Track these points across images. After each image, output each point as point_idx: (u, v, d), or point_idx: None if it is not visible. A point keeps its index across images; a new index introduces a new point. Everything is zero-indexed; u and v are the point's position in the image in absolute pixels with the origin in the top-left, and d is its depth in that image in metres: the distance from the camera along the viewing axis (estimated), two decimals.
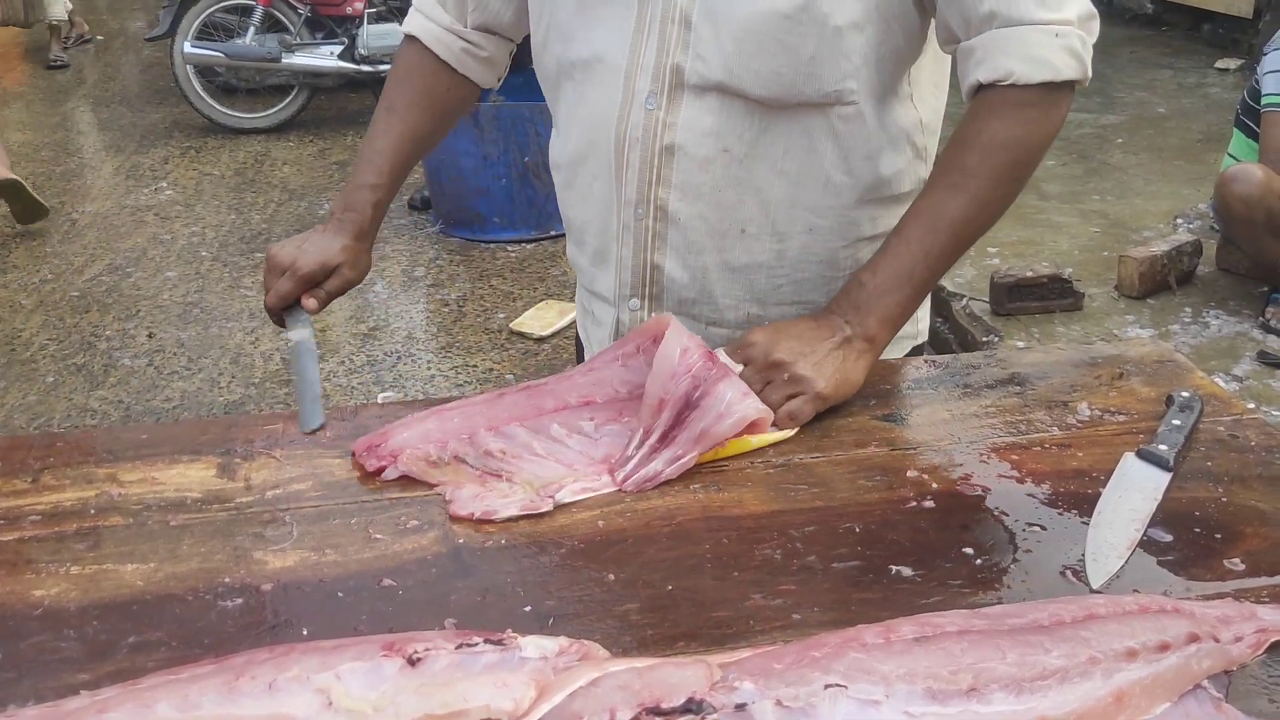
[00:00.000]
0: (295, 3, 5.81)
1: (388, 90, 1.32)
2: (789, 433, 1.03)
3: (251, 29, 5.76)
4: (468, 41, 1.30)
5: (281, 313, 1.23)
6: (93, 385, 3.47)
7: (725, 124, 1.11)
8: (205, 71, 5.92)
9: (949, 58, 1.16)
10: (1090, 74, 1.06)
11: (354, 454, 1.00)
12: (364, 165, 1.29)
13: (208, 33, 5.81)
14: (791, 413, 1.03)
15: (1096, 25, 1.06)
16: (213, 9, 5.77)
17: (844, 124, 1.11)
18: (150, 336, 3.79)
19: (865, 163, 1.15)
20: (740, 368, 1.05)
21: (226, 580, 0.84)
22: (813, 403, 1.03)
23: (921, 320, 1.32)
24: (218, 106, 5.92)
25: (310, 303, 1.22)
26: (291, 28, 5.82)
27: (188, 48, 5.66)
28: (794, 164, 1.13)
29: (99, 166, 5.54)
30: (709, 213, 1.15)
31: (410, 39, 1.32)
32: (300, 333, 1.19)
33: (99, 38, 8.18)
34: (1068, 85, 1.06)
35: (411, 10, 1.32)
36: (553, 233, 4.50)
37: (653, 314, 1.23)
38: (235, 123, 5.95)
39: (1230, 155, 3.60)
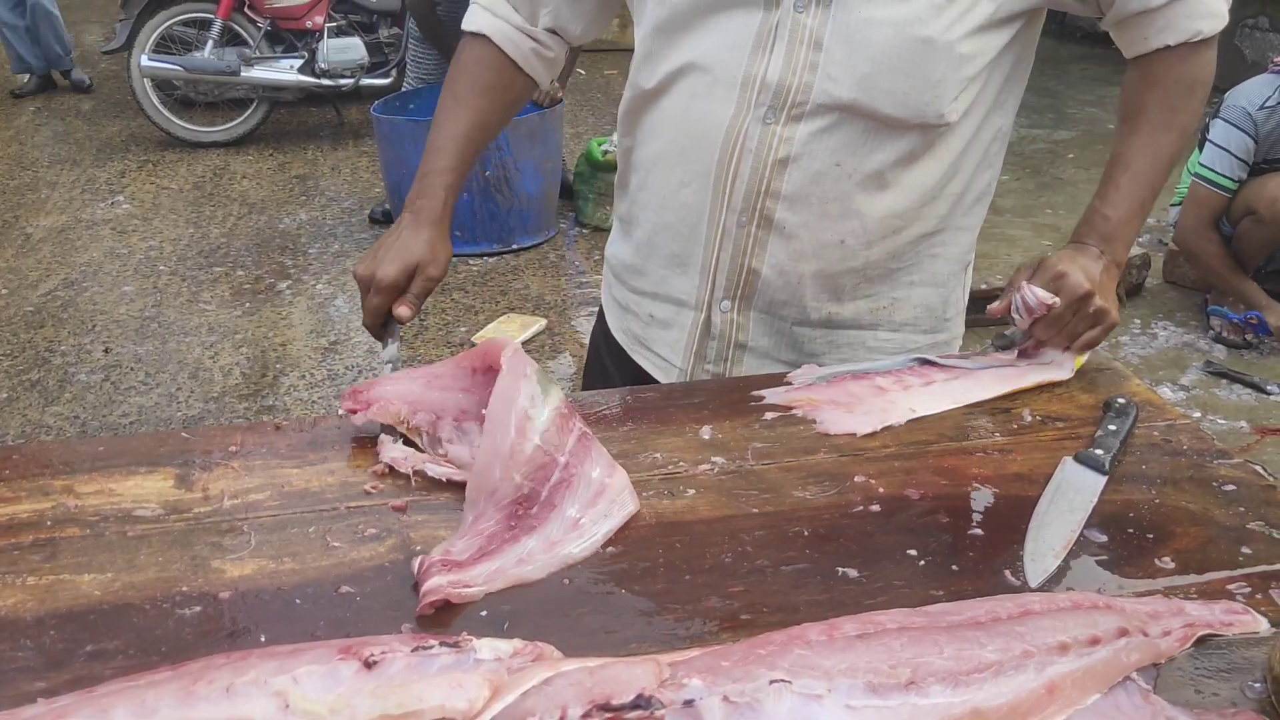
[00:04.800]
0: (254, 16, 5.79)
1: (451, 81, 1.33)
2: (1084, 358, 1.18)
3: (210, 42, 5.72)
4: (537, 41, 1.33)
5: (382, 328, 1.23)
6: (48, 401, 3.43)
7: (842, 140, 1.16)
8: (163, 85, 5.86)
9: (1029, 72, 1.25)
10: None
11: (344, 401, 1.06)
12: (433, 153, 1.30)
13: (165, 46, 5.76)
14: (1090, 342, 1.17)
15: None
16: (170, 22, 5.73)
17: (946, 139, 1.18)
18: (107, 351, 3.75)
19: (958, 173, 1.22)
20: (1054, 299, 1.14)
21: (184, 589, 0.85)
22: (1107, 332, 1.17)
23: (961, 324, 1.37)
24: (176, 120, 5.86)
25: (402, 310, 1.22)
26: (251, 41, 5.79)
27: (145, 61, 5.61)
28: (896, 176, 1.19)
29: (54, 180, 5.47)
30: (814, 223, 1.20)
31: (475, 36, 1.33)
32: (389, 351, 1.20)
33: None
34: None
35: (475, 9, 1.34)
36: (514, 246, 4.51)
37: (742, 314, 1.26)
38: (193, 136, 5.90)
39: (1189, 170, 3.71)
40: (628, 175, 1.33)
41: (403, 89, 4.95)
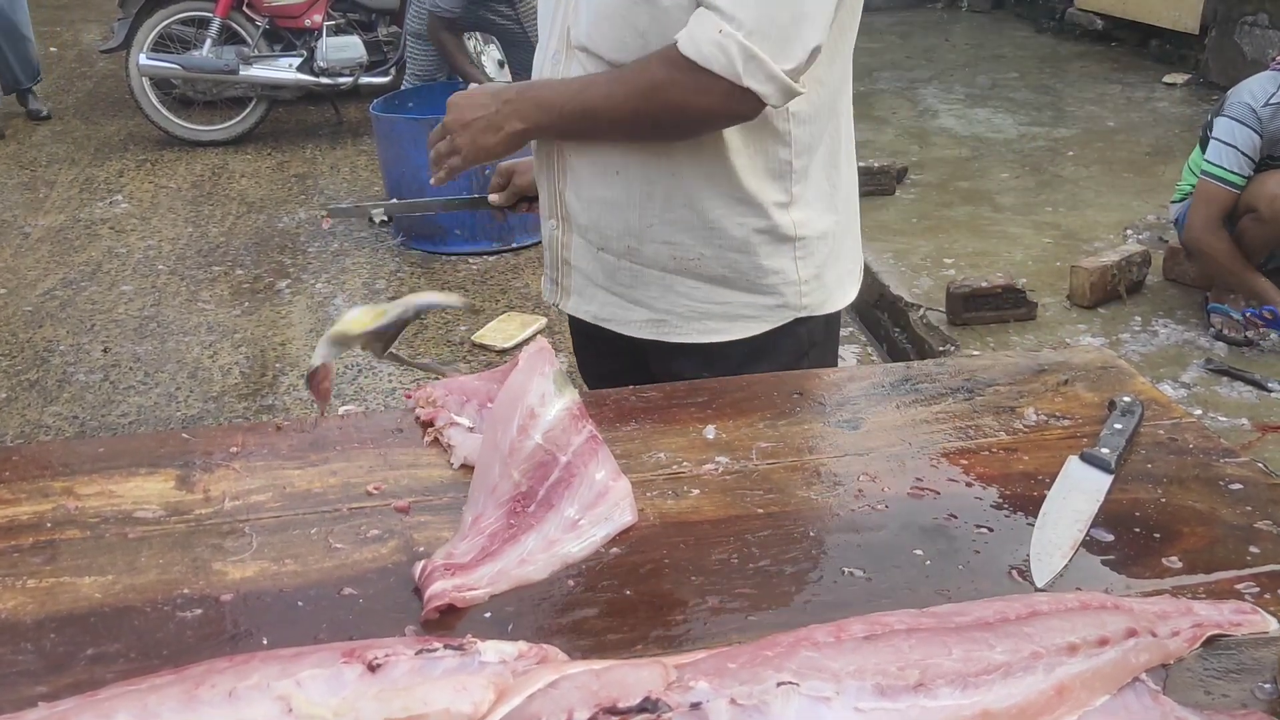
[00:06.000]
0: (253, 15, 5.78)
1: None
2: None
3: (208, 41, 5.71)
4: None
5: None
6: (46, 401, 3.42)
7: None
8: (161, 84, 5.85)
9: (847, 39, 1.33)
10: (748, 85, 1.17)
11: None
12: None
13: (164, 45, 5.75)
14: (452, 168, 1.36)
15: (789, 49, 1.17)
16: (169, 21, 5.71)
17: None
18: (105, 351, 3.74)
19: (734, 141, 1.29)
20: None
21: (185, 591, 0.84)
22: (466, 162, 1.35)
23: (808, 295, 1.39)
24: (174, 119, 5.86)
25: (493, 198, 1.62)
26: (249, 40, 5.78)
27: (143, 60, 5.60)
28: None
29: (52, 179, 5.46)
30: (589, 150, 1.35)
31: None
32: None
33: None
34: (720, 79, 1.18)
35: None
36: (514, 245, 4.51)
37: (567, 234, 1.43)
38: (192, 135, 5.89)
39: (1189, 167, 3.70)
40: None
41: (401, 87, 4.94)
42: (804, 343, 1.42)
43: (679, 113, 1.24)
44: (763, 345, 1.38)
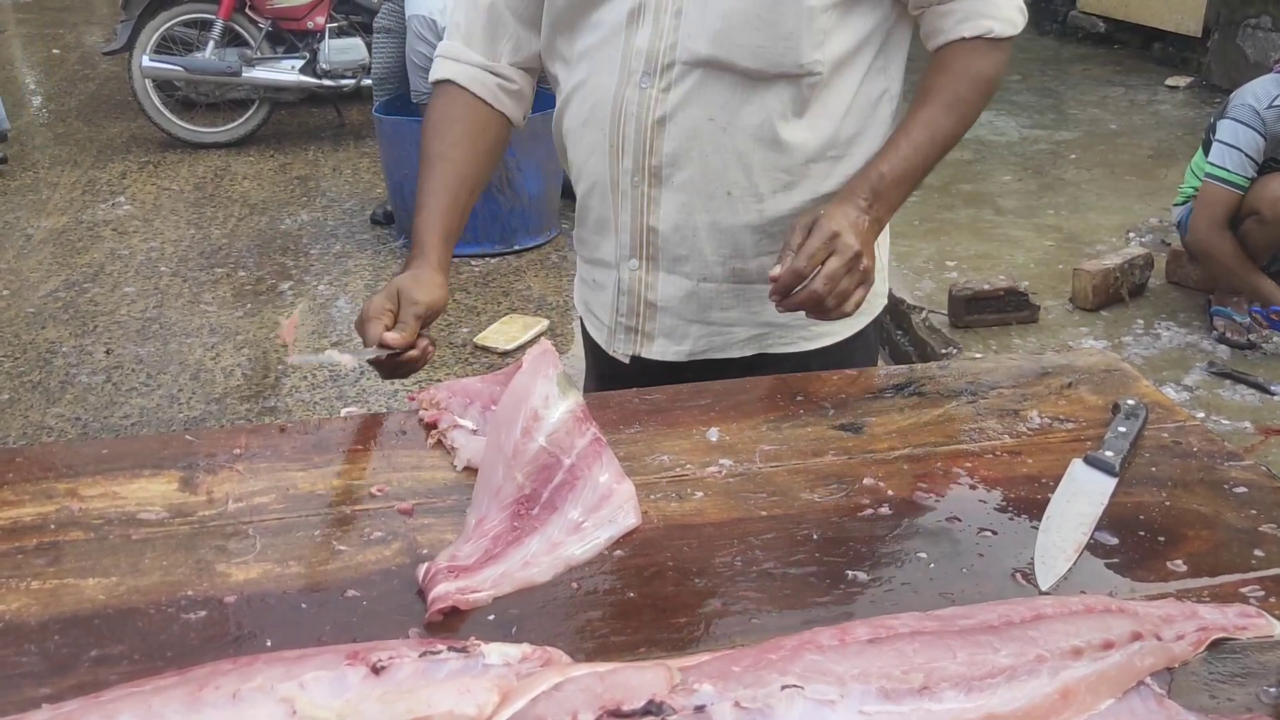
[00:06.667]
0: (255, 17, 5.78)
1: (428, 141, 1.33)
2: None
3: (211, 43, 5.71)
4: (501, 76, 1.36)
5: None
6: (49, 402, 3.42)
7: (710, 96, 1.24)
8: (164, 86, 5.86)
9: (910, 34, 1.31)
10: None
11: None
12: (417, 211, 1.31)
13: (166, 46, 5.75)
14: (858, 300, 1.16)
15: None
16: (172, 23, 5.72)
17: (822, 97, 1.25)
18: (108, 353, 3.74)
19: (832, 127, 1.27)
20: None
21: (189, 593, 0.84)
22: (868, 290, 1.17)
23: (884, 282, 1.42)
24: (177, 121, 5.85)
25: (387, 336, 1.17)
26: (252, 42, 5.78)
27: (146, 62, 5.60)
28: (770, 130, 1.25)
29: (55, 181, 5.46)
30: (698, 177, 1.27)
31: (442, 85, 1.36)
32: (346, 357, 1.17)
33: None
34: (1015, 36, 1.28)
35: (437, 60, 1.37)
36: (516, 247, 4.50)
37: (651, 274, 1.33)
38: (195, 137, 5.89)
39: (1192, 170, 3.70)
40: (564, 152, 1.40)
41: (370, 79, 4.92)
42: (872, 343, 1.42)
43: (998, 87, 1.30)
44: (845, 356, 1.35)
